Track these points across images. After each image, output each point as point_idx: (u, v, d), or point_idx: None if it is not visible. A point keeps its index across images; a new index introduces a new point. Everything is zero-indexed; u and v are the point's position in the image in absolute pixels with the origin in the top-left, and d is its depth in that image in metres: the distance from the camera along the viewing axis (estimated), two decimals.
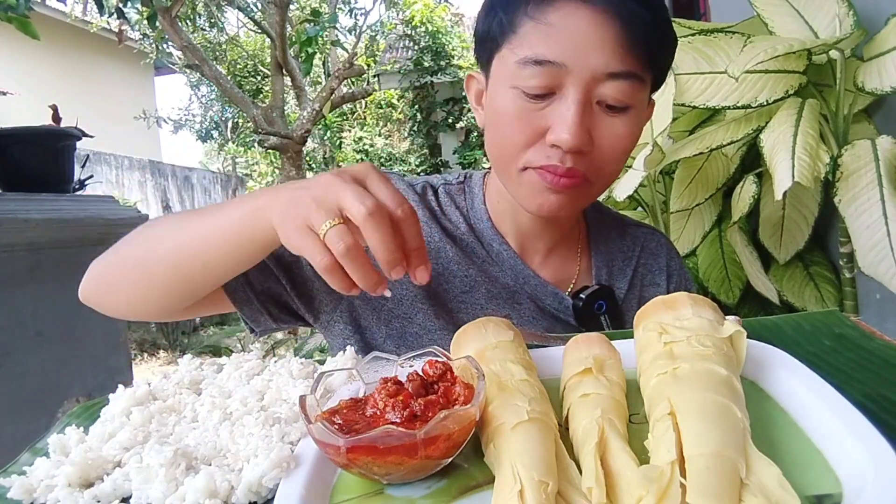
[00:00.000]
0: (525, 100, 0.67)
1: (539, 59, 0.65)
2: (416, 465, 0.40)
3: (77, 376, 1.93)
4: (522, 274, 0.80)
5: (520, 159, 0.70)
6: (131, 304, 0.74)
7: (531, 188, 0.71)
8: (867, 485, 0.35)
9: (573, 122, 0.65)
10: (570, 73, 0.65)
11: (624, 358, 0.52)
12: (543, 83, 0.66)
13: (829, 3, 1.43)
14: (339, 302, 0.80)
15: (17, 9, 2.12)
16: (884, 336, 0.58)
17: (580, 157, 0.68)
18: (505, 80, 0.69)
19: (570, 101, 0.65)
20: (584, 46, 0.64)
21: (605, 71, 0.65)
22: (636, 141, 0.72)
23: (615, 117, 0.68)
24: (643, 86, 0.69)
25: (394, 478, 0.41)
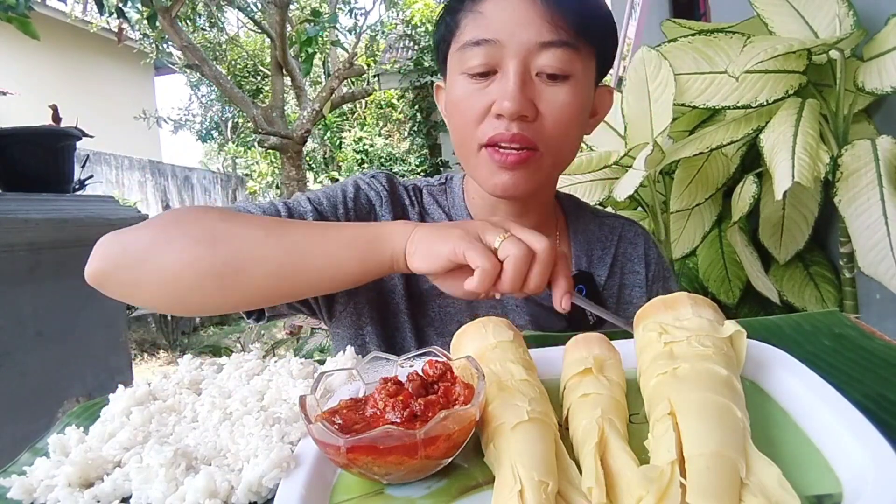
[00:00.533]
0: (471, 82, 0.74)
1: (476, 40, 0.73)
2: (416, 465, 0.40)
3: (77, 376, 1.93)
4: None
5: (474, 139, 0.75)
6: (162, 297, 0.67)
7: (487, 168, 0.76)
8: (867, 485, 0.35)
9: (513, 90, 0.71)
10: (505, 48, 0.72)
11: (624, 358, 0.52)
12: (483, 61, 0.73)
13: (829, 3, 1.43)
14: (351, 295, 0.83)
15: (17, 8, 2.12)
16: (884, 336, 0.58)
17: (525, 124, 0.73)
18: (455, 71, 0.76)
19: (510, 73, 0.72)
20: (515, 23, 0.72)
21: (538, 41, 0.72)
22: (582, 113, 0.77)
23: (555, 86, 0.73)
24: (578, 54, 0.74)
25: (394, 478, 0.41)
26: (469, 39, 0.73)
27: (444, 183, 0.92)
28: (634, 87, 1.70)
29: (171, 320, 5.28)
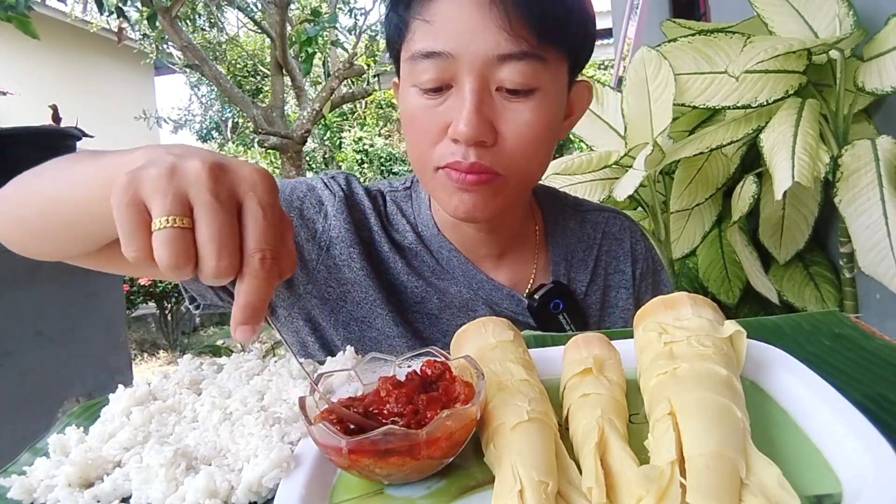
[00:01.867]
0: (423, 97, 0.66)
1: (426, 52, 0.63)
2: (417, 465, 0.40)
3: (77, 376, 1.93)
4: (476, 279, 0.77)
5: (430, 160, 0.68)
6: (10, 238, 0.66)
7: (444, 190, 0.69)
8: (867, 485, 0.35)
9: (469, 112, 0.62)
10: (459, 62, 0.63)
11: (624, 358, 0.52)
12: (435, 76, 0.64)
13: (829, 3, 1.43)
14: (296, 299, 0.77)
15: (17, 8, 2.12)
16: (884, 336, 0.58)
17: (484, 150, 0.65)
18: (407, 81, 0.68)
19: (465, 91, 0.63)
20: (469, 32, 0.62)
21: (496, 53, 0.62)
22: (551, 128, 0.68)
23: (519, 102, 0.64)
24: (545, 65, 0.64)
25: (395, 478, 0.41)
26: (418, 50, 0.64)
27: (410, 187, 0.83)
28: (634, 87, 1.70)
29: (171, 320, 5.28)
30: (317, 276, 0.76)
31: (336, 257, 0.76)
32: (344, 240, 0.76)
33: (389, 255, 0.77)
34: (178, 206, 0.41)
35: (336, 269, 0.76)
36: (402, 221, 0.80)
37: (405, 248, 0.78)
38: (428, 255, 0.78)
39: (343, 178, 0.80)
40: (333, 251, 0.76)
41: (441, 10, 0.63)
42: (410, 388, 0.45)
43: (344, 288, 0.76)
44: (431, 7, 0.64)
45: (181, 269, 0.41)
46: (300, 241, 0.75)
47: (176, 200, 0.41)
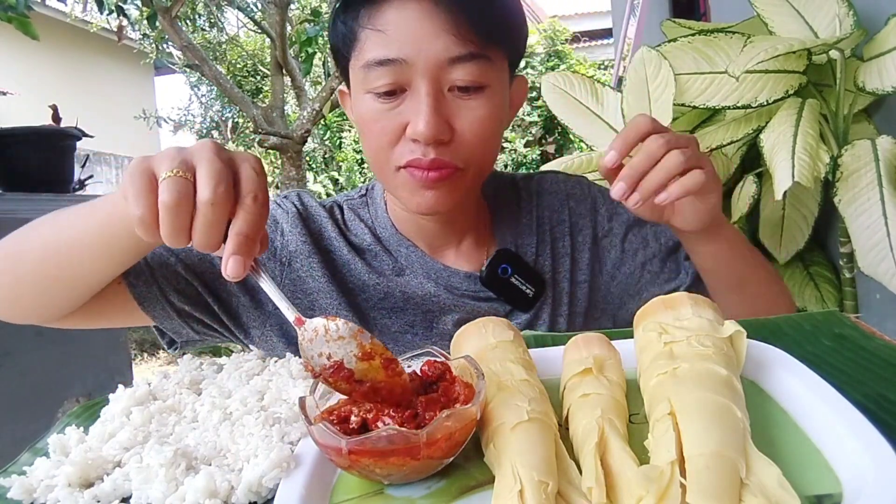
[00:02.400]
0: (379, 101, 0.69)
1: (381, 60, 0.67)
2: (417, 465, 0.40)
3: (77, 376, 1.93)
4: (434, 269, 0.81)
5: (390, 161, 0.71)
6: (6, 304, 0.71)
7: (406, 188, 0.72)
8: (867, 485, 0.35)
9: (427, 113, 0.66)
10: (413, 66, 0.67)
11: (624, 358, 0.52)
12: (390, 80, 0.68)
13: (829, 3, 1.43)
14: (266, 317, 0.80)
15: (17, 8, 2.12)
16: (884, 336, 0.58)
17: (443, 146, 0.69)
18: (360, 88, 0.71)
19: (421, 93, 0.67)
20: (420, 39, 0.66)
21: (447, 57, 0.67)
22: (500, 120, 0.73)
23: (471, 99, 0.69)
24: (491, 64, 0.70)
25: (395, 478, 0.41)
26: (372, 59, 0.68)
27: (365, 195, 0.87)
28: (634, 87, 1.70)
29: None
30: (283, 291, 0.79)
31: (298, 270, 0.80)
32: (303, 252, 0.80)
33: (349, 259, 0.81)
34: (182, 166, 0.48)
35: (301, 282, 0.80)
36: (360, 226, 0.84)
37: (364, 250, 0.82)
38: (386, 255, 0.82)
39: (295, 196, 0.85)
40: (295, 264, 0.80)
41: (390, 20, 0.67)
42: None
43: (311, 298, 0.79)
44: (380, 17, 0.68)
45: (181, 209, 0.47)
46: (262, 260, 0.78)
47: (181, 163, 0.48)
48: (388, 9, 0.68)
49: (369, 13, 0.68)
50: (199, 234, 0.48)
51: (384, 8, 0.68)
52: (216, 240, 0.49)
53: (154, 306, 0.75)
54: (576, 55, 8.86)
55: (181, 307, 0.76)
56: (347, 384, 0.45)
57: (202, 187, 0.47)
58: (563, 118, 1.85)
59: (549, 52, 8.62)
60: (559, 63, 8.36)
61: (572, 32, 9.03)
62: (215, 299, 0.78)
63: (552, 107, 1.87)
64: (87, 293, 0.69)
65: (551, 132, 8.16)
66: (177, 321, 0.77)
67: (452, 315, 0.80)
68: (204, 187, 0.47)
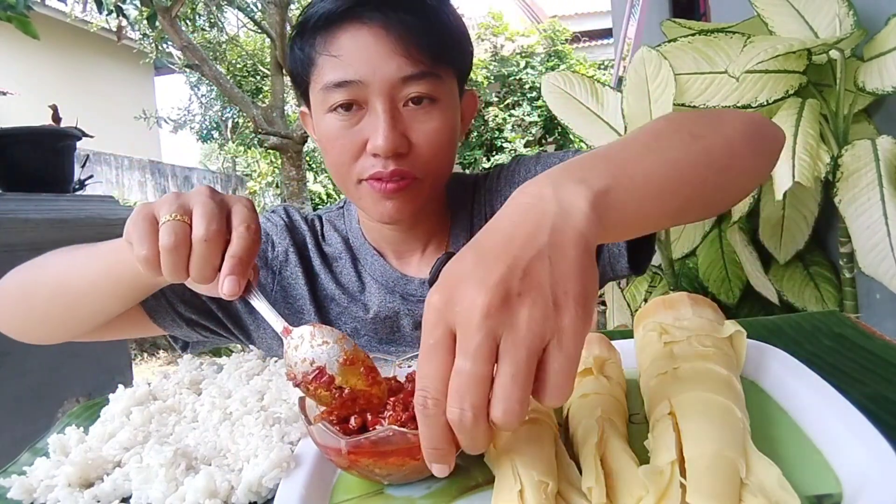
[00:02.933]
0: (339, 119, 0.73)
1: (339, 82, 0.72)
2: (417, 465, 0.40)
3: (77, 376, 1.93)
4: (392, 277, 0.85)
5: (352, 174, 0.75)
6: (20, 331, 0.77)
7: (369, 199, 0.76)
8: (867, 485, 0.35)
9: (384, 128, 0.71)
10: (369, 86, 0.71)
11: (624, 358, 0.52)
12: (348, 98, 0.72)
13: (829, 3, 1.43)
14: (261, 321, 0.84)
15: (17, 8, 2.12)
16: (884, 336, 0.58)
17: (401, 158, 0.73)
18: (320, 108, 0.75)
19: (378, 111, 0.72)
20: (373, 61, 0.71)
21: (399, 76, 0.71)
22: (454, 131, 0.78)
23: (425, 113, 0.74)
24: (441, 81, 0.74)
25: (395, 478, 0.41)
26: (330, 82, 0.72)
27: (342, 207, 0.92)
28: (634, 87, 1.70)
29: None
30: (276, 297, 0.86)
31: (287, 277, 0.87)
32: (290, 261, 0.87)
33: (321, 269, 0.87)
34: (180, 210, 0.54)
35: (290, 288, 0.86)
36: (335, 236, 0.89)
37: (336, 258, 0.88)
38: (354, 263, 0.87)
39: (282, 210, 0.92)
40: (284, 272, 0.87)
41: (345, 45, 0.72)
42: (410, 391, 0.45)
43: (298, 304, 0.86)
44: (335, 43, 0.72)
45: (179, 250, 0.52)
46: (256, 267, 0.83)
47: (178, 207, 0.54)
48: (342, 35, 0.72)
49: (325, 39, 0.73)
50: (194, 270, 0.53)
51: (338, 34, 0.72)
52: (210, 273, 0.53)
53: (164, 318, 0.81)
54: (576, 55, 8.87)
55: (189, 316, 0.82)
56: (327, 391, 0.45)
57: (197, 227, 0.53)
58: (563, 118, 1.85)
59: (549, 52, 8.63)
60: (559, 63, 8.37)
61: (572, 32, 9.03)
62: (218, 306, 0.83)
63: (552, 107, 1.87)
64: (97, 325, 0.75)
65: (551, 132, 8.16)
66: (186, 329, 0.83)
67: (408, 319, 0.84)
68: (199, 227, 0.53)
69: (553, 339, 0.35)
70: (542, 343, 0.34)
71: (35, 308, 0.74)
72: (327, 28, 0.73)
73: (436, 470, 0.36)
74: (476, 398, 0.34)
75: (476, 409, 0.34)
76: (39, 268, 0.74)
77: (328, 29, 0.73)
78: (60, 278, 0.72)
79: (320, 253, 0.88)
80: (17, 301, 0.75)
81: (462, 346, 0.35)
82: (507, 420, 0.34)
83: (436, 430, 0.35)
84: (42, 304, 0.73)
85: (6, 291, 0.75)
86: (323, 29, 0.73)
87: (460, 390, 0.34)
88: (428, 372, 0.35)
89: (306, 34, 0.75)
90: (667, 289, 1.83)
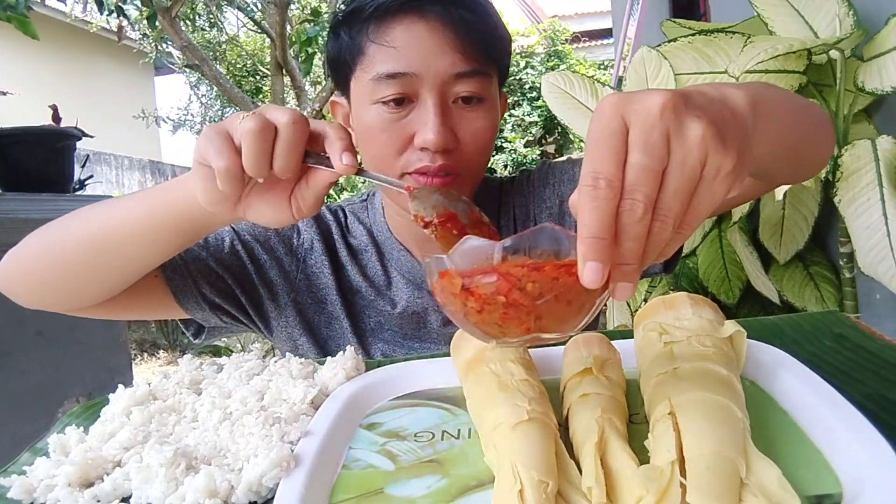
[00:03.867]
0: (387, 112, 0.73)
1: (391, 73, 0.71)
2: (569, 285, 0.35)
3: (77, 376, 1.93)
4: (419, 273, 0.85)
5: (395, 168, 0.74)
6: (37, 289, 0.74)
7: None
8: (867, 485, 0.35)
9: (435, 123, 0.70)
10: (422, 80, 0.71)
11: (624, 358, 0.52)
12: (399, 91, 0.71)
13: (829, 3, 1.43)
14: (283, 308, 0.85)
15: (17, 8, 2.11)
16: (884, 336, 0.58)
17: (448, 154, 0.73)
18: (365, 99, 0.74)
19: (429, 104, 0.71)
20: (428, 55, 0.71)
21: (453, 72, 0.71)
22: (495, 132, 0.79)
23: (473, 111, 0.74)
24: (489, 80, 0.75)
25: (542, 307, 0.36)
26: (382, 72, 0.71)
27: (366, 199, 0.92)
28: (634, 87, 1.70)
29: (172, 320, 5.27)
30: (299, 286, 0.86)
31: (311, 266, 0.86)
32: (315, 250, 0.86)
33: (347, 261, 0.87)
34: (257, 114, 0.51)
35: (314, 277, 0.86)
36: (360, 228, 0.89)
37: (360, 251, 0.88)
38: (377, 258, 0.87)
39: None
40: (309, 261, 0.86)
41: (399, 37, 0.71)
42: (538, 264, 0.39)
43: (322, 293, 0.86)
44: (390, 33, 0.72)
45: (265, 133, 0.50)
46: (280, 256, 0.85)
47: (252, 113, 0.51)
48: (397, 26, 0.72)
49: (378, 28, 0.72)
50: (281, 157, 0.51)
51: (393, 25, 0.72)
52: (296, 160, 0.52)
53: (188, 299, 0.80)
54: (576, 55, 8.86)
55: (212, 299, 0.81)
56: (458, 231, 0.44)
57: (280, 115, 0.51)
58: (563, 118, 1.85)
59: (549, 52, 8.62)
60: (559, 63, 8.36)
61: (572, 32, 9.03)
62: (242, 291, 0.83)
63: (552, 107, 1.87)
64: (123, 282, 0.72)
65: (551, 132, 8.16)
66: (207, 312, 0.82)
67: (436, 315, 0.85)
68: (283, 114, 0.51)
69: (709, 173, 0.35)
70: (701, 167, 0.35)
71: (60, 262, 0.70)
72: (382, 17, 0.72)
73: (588, 271, 0.33)
74: (650, 191, 0.34)
75: (647, 203, 0.34)
76: (66, 222, 0.70)
77: (383, 18, 0.72)
78: (93, 227, 0.68)
79: (346, 244, 0.88)
80: (39, 256, 0.71)
81: (639, 140, 0.35)
82: (660, 230, 0.34)
83: (603, 215, 0.34)
84: (69, 256, 0.69)
85: (25, 248, 0.72)
86: (377, 18, 0.72)
87: (636, 181, 0.34)
88: (602, 156, 0.35)
89: (357, 21, 0.74)
90: (667, 289, 1.83)
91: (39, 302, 0.75)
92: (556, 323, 0.38)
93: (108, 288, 0.72)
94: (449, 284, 0.38)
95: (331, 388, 0.56)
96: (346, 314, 0.85)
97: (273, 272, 0.84)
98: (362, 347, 0.85)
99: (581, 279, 0.34)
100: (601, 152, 0.35)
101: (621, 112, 0.36)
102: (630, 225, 0.34)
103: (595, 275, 0.34)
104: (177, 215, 0.62)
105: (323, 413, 0.50)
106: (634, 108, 0.35)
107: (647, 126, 0.35)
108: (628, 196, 0.34)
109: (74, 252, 0.68)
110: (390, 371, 0.58)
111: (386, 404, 0.55)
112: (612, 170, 0.34)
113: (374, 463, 0.45)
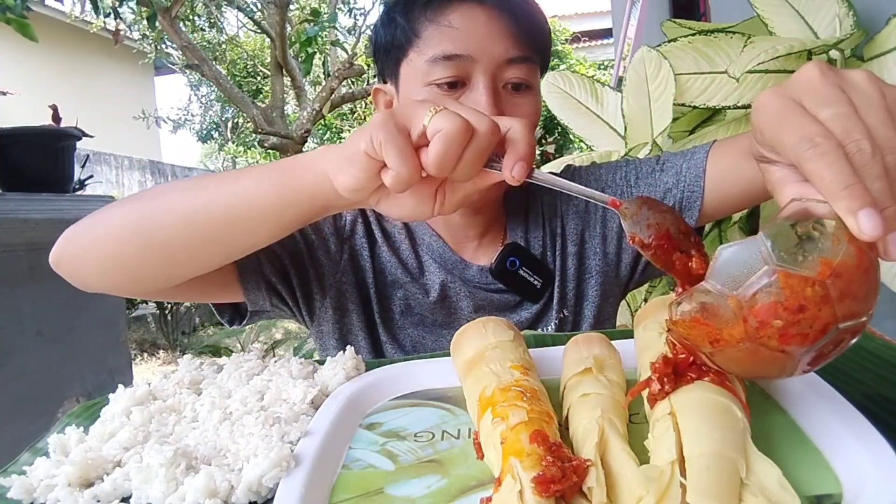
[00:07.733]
0: (440, 94, 0.74)
1: (448, 55, 0.73)
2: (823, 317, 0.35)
3: (77, 376, 1.93)
4: (450, 260, 0.86)
5: None
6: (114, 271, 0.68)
7: None
8: (867, 485, 0.35)
9: (488, 105, 0.72)
10: (476, 63, 0.73)
11: (624, 358, 0.52)
12: (454, 73, 0.73)
13: (829, 3, 1.43)
14: (325, 290, 0.85)
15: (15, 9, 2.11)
16: (884, 336, 0.58)
17: None
18: (417, 81, 0.75)
19: (482, 87, 0.73)
20: (484, 39, 0.73)
21: (506, 57, 0.73)
22: (539, 116, 0.81)
23: (521, 97, 0.76)
24: (536, 68, 0.78)
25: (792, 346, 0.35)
26: (439, 54, 0.73)
27: None
28: (634, 87, 1.70)
29: (171, 320, 5.28)
30: (344, 266, 0.85)
31: (355, 245, 0.87)
32: (357, 232, 0.87)
33: (383, 244, 0.87)
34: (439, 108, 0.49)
35: (357, 256, 0.86)
36: None
37: (394, 235, 0.88)
38: (409, 243, 0.87)
39: None
40: (352, 241, 0.87)
41: (456, 19, 0.74)
42: None
43: (361, 276, 0.86)
44: (448, 15, 0.74)
45: (462, 136, 0.47)
46: (326, 235, 0.85)
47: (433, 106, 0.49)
48: (454, 10, 0.74)
49: (436, 12, 0.74)
50: (467, 163, 0.49)
51: (451, 9, 0.74)
52: (479, 167, 0.50)
53: (250, 278, 0.79)
54: (576, 55, 8.87)
55: (269, 278, 0.80)
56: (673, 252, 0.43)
57: (479, 121, 0.48)
58: (563, 118, 1.85)
59: None
60: (559, 63, 8.37)
61: (572, 32, 9.04)
62: (295, 272, 0.83)
63: (552, 107, 1.87)
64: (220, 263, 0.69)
65: (551, 132, 8.16)
66: (262, 293, 0.80)
67: (468, 301, 0.85)
68: (481, 121, 0.48)
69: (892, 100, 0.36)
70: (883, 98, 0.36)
71: (156, 242, 0.64)
72: (440, 1, 0.75)
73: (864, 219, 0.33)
74: (863, 128, 0.35)
75: (868, 139, 0.35)
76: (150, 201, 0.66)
77: (440, 2, 0.75)
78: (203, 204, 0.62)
79: (381, 228, 0.88)
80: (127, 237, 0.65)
81: (821, 101, 0.36)
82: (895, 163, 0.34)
83: (842, 163, 0.34)
84: (167, 234, 0.63)
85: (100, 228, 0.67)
86: (435, 2, 0.75)
87: (845, 128, 0.35)
88: (800, 124, 0.36)
89: (414, 6, 0.76)
90: (667, 289, 1.83)
91: (106, 284, 0.70)
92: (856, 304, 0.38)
93: (201, 268, 0.68)
94: None
95: (331, 388, 0.56)
96: (377, 299, 0.85)
97: (321, 252, 0.84)
98: (390, 334, 0.85)
99: (860, 231, 0.33)
100: (796, 122, 0.36)
101: (783, 94, 0.38)
102: (867, 166, 0.34)
103: (872, 219, 0.33)
104: (307, 195, 0.58)
105: (323, 413, 0.50)
106: (793, 85, 0.38)
107: (817, 89, 0.37)
108: (849, 141, 0.34)
109: (174, 230, 0.63)
110: (390, 371, 0.58)
111: (386, 404, 0.55)
112: (819, 128, 0.35)
113: (374, 463, 0.45)
